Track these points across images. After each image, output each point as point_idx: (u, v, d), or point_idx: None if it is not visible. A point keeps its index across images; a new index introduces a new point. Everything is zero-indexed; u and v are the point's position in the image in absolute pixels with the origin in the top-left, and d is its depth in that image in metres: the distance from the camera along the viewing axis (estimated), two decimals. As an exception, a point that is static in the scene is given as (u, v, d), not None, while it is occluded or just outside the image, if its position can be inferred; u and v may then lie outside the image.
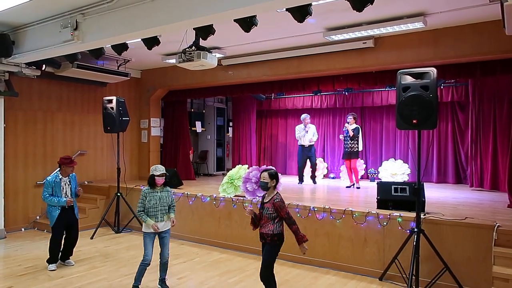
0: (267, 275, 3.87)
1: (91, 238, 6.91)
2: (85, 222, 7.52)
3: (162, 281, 4.61)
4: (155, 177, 4.46)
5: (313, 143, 8.87)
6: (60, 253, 5.46)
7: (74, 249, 5.61)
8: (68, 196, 5.32)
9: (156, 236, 4.51)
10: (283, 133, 11.48)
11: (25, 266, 5.45)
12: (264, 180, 3.92)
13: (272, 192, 3.93)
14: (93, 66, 7.60)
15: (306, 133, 8.84)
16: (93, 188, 8.43)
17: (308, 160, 8.94)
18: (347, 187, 8.43)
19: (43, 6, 5.10)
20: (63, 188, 5.30)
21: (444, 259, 4.44)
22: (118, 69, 8.38)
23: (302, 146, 8.90)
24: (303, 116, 9.07)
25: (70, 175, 5.41)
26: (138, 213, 4.46)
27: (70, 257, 5.57)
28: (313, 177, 8.90)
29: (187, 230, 6.91)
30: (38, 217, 7.70)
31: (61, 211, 5.28)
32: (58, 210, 5.27)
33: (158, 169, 4.50)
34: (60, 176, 5.34)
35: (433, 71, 4.37)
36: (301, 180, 8.97)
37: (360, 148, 8.52)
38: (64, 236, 5.46)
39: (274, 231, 3.83)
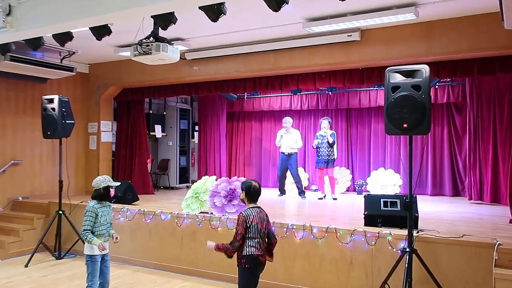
0: None
1: (26, 266, 6.69)
2: (19, 247, 7.29)
3: None
4: (110, 189, 4.48)
5: (294, 151, 8.89)
6: None
7: None
8: None
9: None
10: (257, 138, 11.53)
11: None
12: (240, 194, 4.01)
13: (247, 206, 3.93)
14: (30, 59, 7.42)
15: (281, 137, 8.92)
16: (29, 205, 8.20)
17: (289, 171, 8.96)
18: (319, 198, 8.65)
19: (-32, -14, 4.96)
20: None
21: (440, 283, 4.53)
22: (61, 62, 8.20)
23: (282, 153, 8.97)
24: (284, 119, 9.16)
25: None
26: (84, 232, 4.36)
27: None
28: (300, 192, 8.80)
29: (143, 254, 6.80)
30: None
31: None
32: None
33: (110, 179, 4.54)
34: None
35: (425, 68, 4.49)
36: (281, 192, 9.00)
37: (336, 156, 8.80)
38: None
39: (243, 252, 3.78)
